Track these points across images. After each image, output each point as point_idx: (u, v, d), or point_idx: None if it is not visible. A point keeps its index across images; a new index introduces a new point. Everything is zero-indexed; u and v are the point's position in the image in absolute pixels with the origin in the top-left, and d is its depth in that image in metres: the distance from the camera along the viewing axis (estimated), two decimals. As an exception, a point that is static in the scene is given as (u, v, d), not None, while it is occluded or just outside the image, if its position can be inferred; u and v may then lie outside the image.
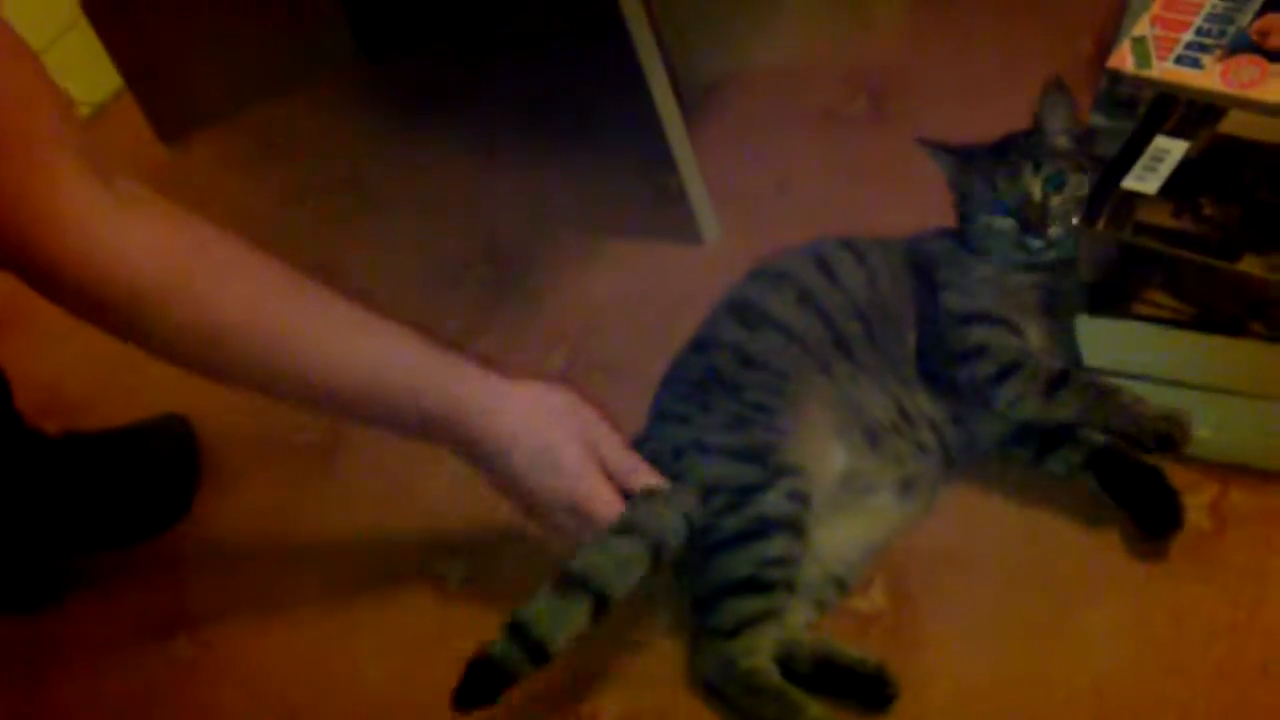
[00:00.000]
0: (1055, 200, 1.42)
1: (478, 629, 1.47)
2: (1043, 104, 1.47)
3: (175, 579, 1.67)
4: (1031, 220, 1.42)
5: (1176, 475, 1.36)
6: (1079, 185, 1.43)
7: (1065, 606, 1.30)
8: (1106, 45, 1.57)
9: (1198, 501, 1.34)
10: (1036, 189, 1.43)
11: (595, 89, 2.08)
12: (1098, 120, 1.51)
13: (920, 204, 1.55)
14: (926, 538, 1.41)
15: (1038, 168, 1.43)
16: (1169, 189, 1.35)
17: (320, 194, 2.20)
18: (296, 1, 2.37)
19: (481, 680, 1.29)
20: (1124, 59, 1.49)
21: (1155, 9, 1.53)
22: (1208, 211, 1.33)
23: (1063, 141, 1.46)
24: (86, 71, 2.48)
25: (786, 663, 1.32)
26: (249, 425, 1.81)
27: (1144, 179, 1.36)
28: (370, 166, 2.23)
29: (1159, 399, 1.35)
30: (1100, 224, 1.35)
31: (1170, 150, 1.38)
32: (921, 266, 1.50)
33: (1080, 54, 1.84)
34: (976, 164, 1.49)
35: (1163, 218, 1.33)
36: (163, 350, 1.29)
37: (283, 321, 1.30)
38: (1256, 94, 1.43)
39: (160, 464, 1.77)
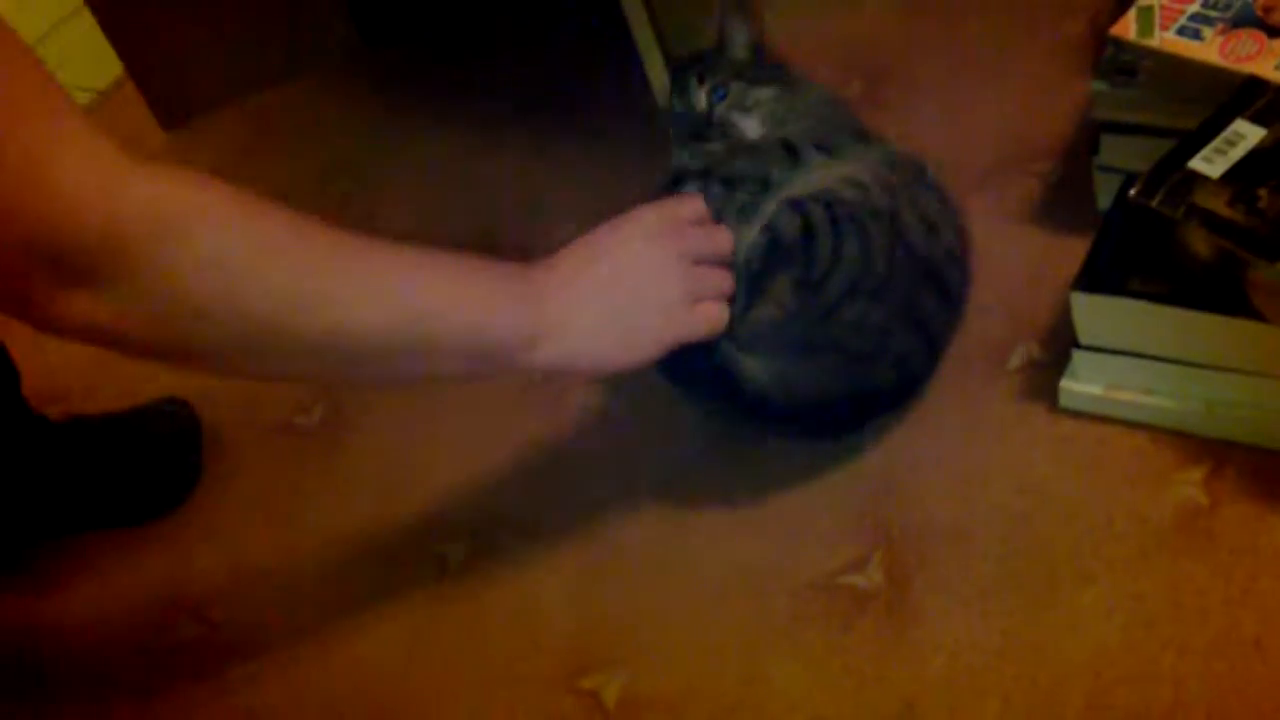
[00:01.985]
0: (720, 109, 1.51)
1: (478, 609, 1.49)
2: (722, 24, 1.57)
3: (179, 560, 1.68)
4: (699, 129, 1.51)
5: (1171, 451, 1.37)
6: (741, 93, 1.52)
7: (1061, 582, 1.31)
8: (1100, 26, 1.57)
9: (1193, 477, 1.34)
10: (702, 100, 1.52)
11: (593, 77, 2.10)
12: (1099, 86, 1.51)
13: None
14: (923, 514, 1.41)
15: (702, 80, 1.52)
16: (1232, 175, 1.34)
17: (319, 181, 2.21)
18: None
19: None
20: (1127, 27, 1.49)
21: (1166, -22, 1.54)
22: (1263, 204, 1.32)
23: (742, 55, 1.56)
24: (87, 59, 2.50)
25: None
26: (250, 407, 1.83)
27: (1211, 161, 1.35)
28: (369, 154, 2.24)
29: (1153, 375, 1.36)
30: (1156, 200, 1.34)
31: (1246, 135, 1.37)
32: None
33: (1073, 35, 1.85)
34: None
35: (1218, 204, 1.32)
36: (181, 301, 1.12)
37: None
38: (1251, 68, 1.43)
39: (163, 446, 1.78)
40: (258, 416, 1.82)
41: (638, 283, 1.35)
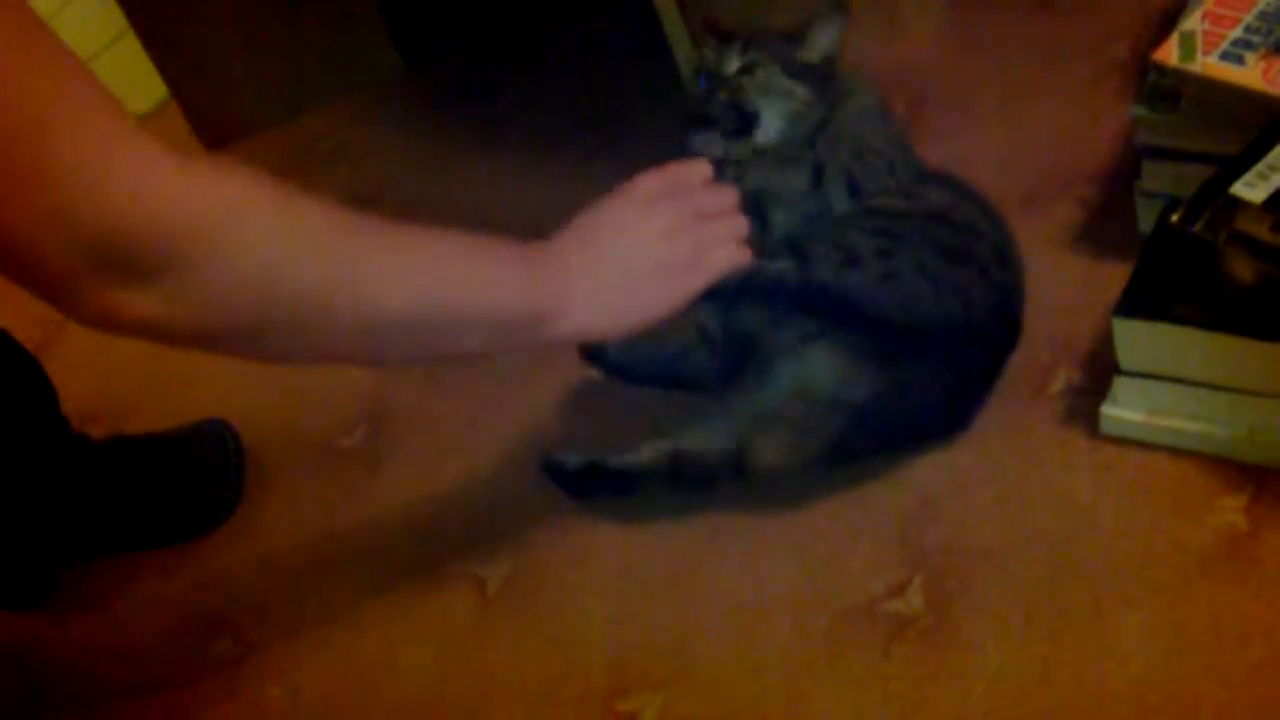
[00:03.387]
0: (740, 79, 1.52)
1: (517, 631, 1.49)
2: (813, 20, 1.57)
3: (219, 580, 1.69)
4: (710, 95, 1.55)
5: (1212, 476, 1.36)
6: (770, 75, 1.53)
7: (1103, 608, 1.30)
8: (1142, 50, 1.56)
9: (1235, 503, 1.34)
10: (733, 63, 1.54)
11: (637, 98, 2.10)
12: (1140, 112, 1.51)
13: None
14: (964, 539, 1.41)
15: (745, 50, 1.54)
16: (1275, 201, 1.34)
17: (362, 202, 2.20)
18: (339, 12, 2.39)
19: None
20: (1169, 52, 1.49)
21: (1208, 4, 1.53)
22: (1304, 233, 1.32)
23: (811, 56, 1.56)
24: (132, 81, 2.51)
25: None
26: (292, 429, 1.83)
27: (1254, 186, 1.35)
28: (412, 177, 2.24)
29: (1195, 401, 1.36)
30: (1198, 225, 1.34)
31: (1288, 161, 1.38)
32: None
33: (1117, 59, 1.85)
34: None
35: (1261, 229, 1.32)
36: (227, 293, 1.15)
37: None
38: (1293, 95, 1.43)
39: (205, 466, 1.79)
40: (299, 438, 1.82)
41: (635, 248, 1.38)
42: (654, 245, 1.38)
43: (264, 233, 1.15)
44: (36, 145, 1.00)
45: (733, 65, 1.53)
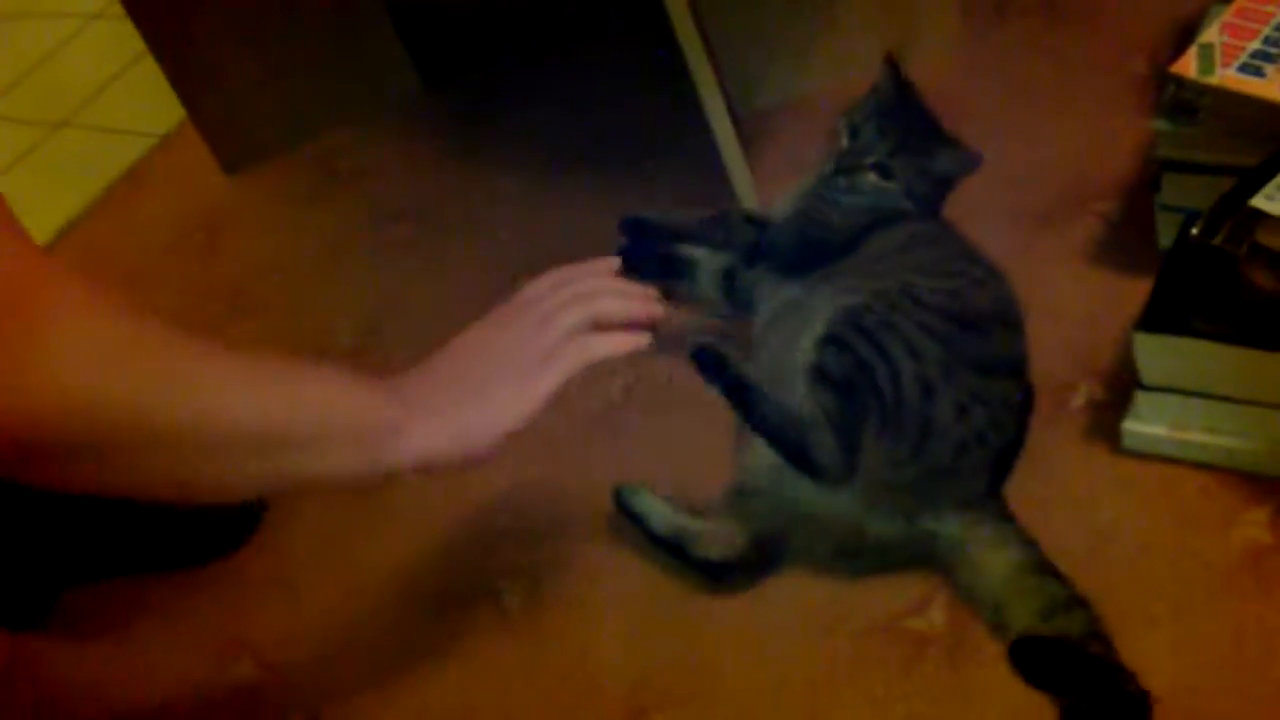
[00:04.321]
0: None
1: (537, 649, 1.49)
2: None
3: (239, 601, 1.68)
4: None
5: (1235, 491, 1.36)
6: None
7: (1125, 624, 1.29)
8: (1160, 64, 1.56)
9: (1257, 517, 1.34)
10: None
11: (659, 118, 2.10)
12: (1160, 125, 1.51)
13: (977, 228, 1.56)
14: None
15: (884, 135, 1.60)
16: None
17: (382, 223, 2.22)
18: (357, 32, 2.39)
19: None
20: (1187, 65, 1.49)
21: (1227, 16, 1.53)
22: (1325, 245, 1.32)
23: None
24: (151, 103, 2.53)
25: None
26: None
27: (1274, 198, 1.35)
28: (432, 195, 2.24)
29: (1217, 415, 1.36)
30: (1218, 238, 1.34)
31: (1308, 173, 1.38)
32: None
33: (1134, 73, 1.84)
34: None
35: (1280, 242, 1.33)
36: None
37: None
38: (1313, 106, 1.43)
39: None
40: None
41: (482, 361, 1.31)
42: (502, 354, 1.31)
43: (91, 327, 1.09)
44: None
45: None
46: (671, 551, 1.49)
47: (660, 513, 1.50)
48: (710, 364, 1.41)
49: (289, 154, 2.44)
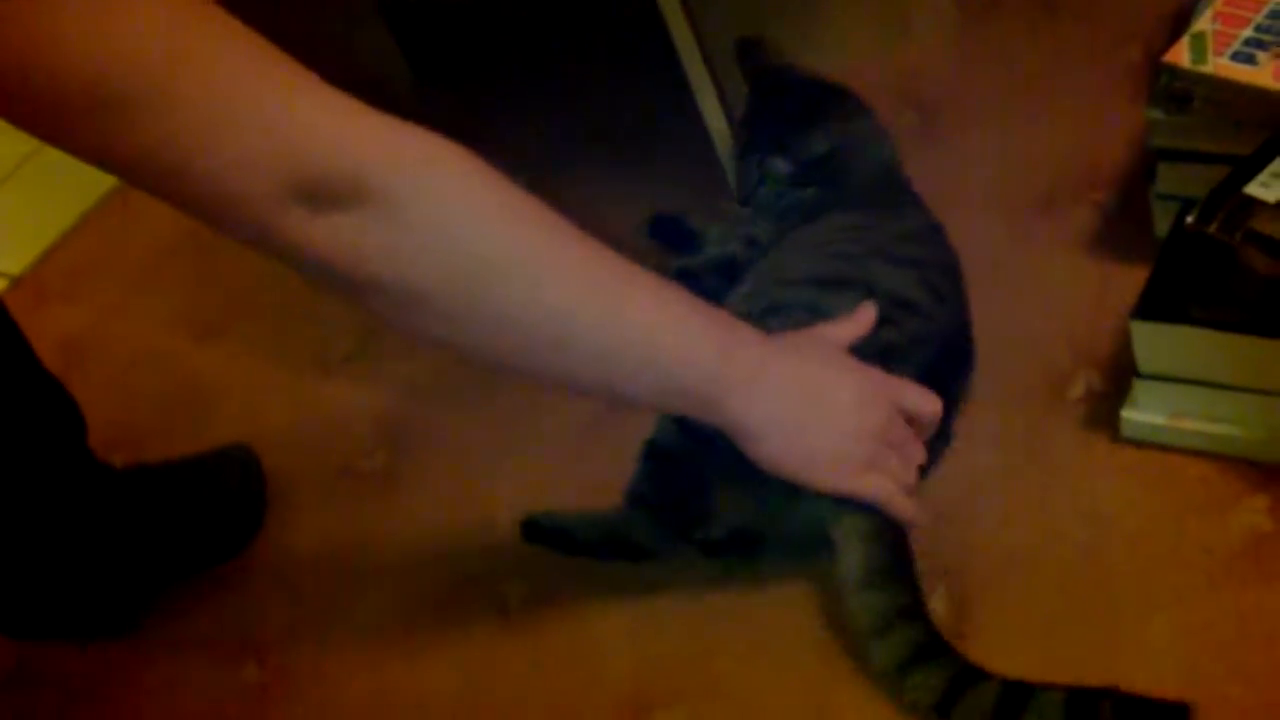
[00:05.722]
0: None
1: (538, 647, 1.49)
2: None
3: (244, 606, 1.69)
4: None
5: (1235, 478, 1.36)
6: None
7: (1127, 612, 1.30)
8: (1155, 53, 1.56)
9: (1258, 505, 1.34)
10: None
11: (653, 110, 2.10)
12: (1154, 114, 1.51)
13: (973, 219, 1.56)
14: (986, 545, 1.41)
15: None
16: None
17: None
18: (348, 28, 2.39)
19: None
20: (1180, 54, 1.49)
21: (1218, 4, 1.53)
22: (1320, 231, 1.32)
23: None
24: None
25: None
26: (313, 453, 1.83)
27: (1268, 186, 1.35)
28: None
29: (1216, 402, 1.36)
30: (1213, 226, 1.34)
31: (1301, 159, 1.37)
32: None
33: (1130, 62, 1.84)
34: None
35: (1276, 228, 1.31)
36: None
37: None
38: (1304, 92, 1.43)
39: (227, 493, 1.79)
40: (320, 461, 1.82)
41: (828, 417, 1.34)
42: (841, 428, 1.34)
43: (457, 186, 1.16)
44: (227, 94, 1.05)
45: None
46: (609, 549, 1.50)
47: (580, 521, 1.53)
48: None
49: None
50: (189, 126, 1.04)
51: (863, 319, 1.42)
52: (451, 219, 1.15)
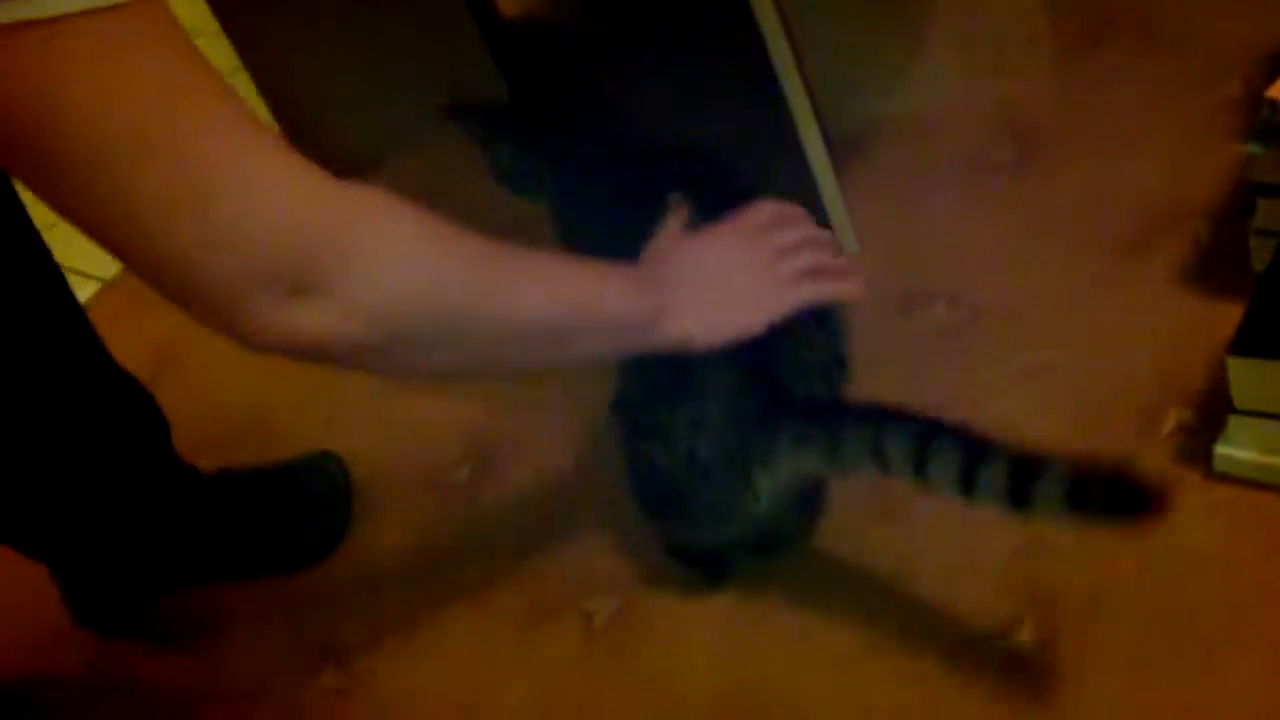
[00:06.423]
0: None
1: (622, 667, 1.49)
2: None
3: (326, 612, 1.70)
4: None
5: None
6: None
7: (1214, 649, 1.29)
8: (1254, 88, 1.55)
9: (1348, 542, 1.33)
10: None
11: (745, 134, 2.09)
12: (1254, 149, 1.50)
13: (1068, 252, 1.55)
14: (1073, 578, 1.40)
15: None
16: None
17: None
18: (450, 50, 2.41)
19: None
20: (1282, 89, 1.49)
21: (1321, 39, 1.53)
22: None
23: None
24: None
25: None
26: (400, 464, 1.84)
27: None
28: (517, 213, 2.25)
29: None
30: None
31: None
32: None
33: (1228, 97, 1.83)
34: None
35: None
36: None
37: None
38: None
39: (312, 500, 1.80)
40: (407, 473, 1.83)
41: (729, 271, 1.44)
42: (738, 272, 1.44)
43: (418, 239, 1.19)
44: (195, 173, 1.03)
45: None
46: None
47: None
48: None
49: (377, 171, 2.45)
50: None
51: (677, 210, 1.50)
52: (420, 272, 1.19)
